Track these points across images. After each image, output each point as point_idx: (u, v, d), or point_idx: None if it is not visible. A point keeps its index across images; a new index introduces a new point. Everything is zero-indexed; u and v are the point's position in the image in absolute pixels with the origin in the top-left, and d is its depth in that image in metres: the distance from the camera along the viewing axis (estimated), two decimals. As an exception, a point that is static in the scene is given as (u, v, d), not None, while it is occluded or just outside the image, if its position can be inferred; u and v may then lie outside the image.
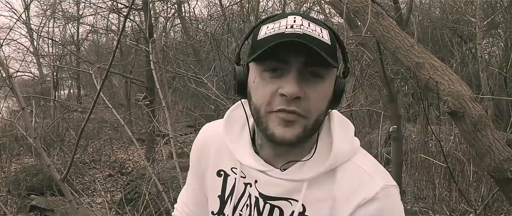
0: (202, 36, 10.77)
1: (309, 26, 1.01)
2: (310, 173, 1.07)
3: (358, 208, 1.03)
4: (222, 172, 1.21)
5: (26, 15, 16.95)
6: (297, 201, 1.08)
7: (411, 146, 7.82)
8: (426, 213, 6.22)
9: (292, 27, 1.00)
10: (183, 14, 11.73)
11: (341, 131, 1.10)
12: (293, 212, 1.08)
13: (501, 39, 12.31)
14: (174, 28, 15.67)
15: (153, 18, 9.38)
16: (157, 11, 12.37)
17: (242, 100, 1.14)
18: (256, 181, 1.13)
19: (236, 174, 1.17)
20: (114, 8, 11.96)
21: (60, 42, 15.13)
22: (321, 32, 1.01)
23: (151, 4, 9.67)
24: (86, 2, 13.45)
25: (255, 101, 1.05)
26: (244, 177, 1.16)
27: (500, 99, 9.43)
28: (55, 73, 14.80)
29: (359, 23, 3.26)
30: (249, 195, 1.15)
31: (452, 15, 10.80)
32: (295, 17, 1.03)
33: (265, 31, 1.03)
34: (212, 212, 1.23)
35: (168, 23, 14.48)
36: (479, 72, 9.48)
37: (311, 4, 8.96)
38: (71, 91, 21.07)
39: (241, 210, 1.17)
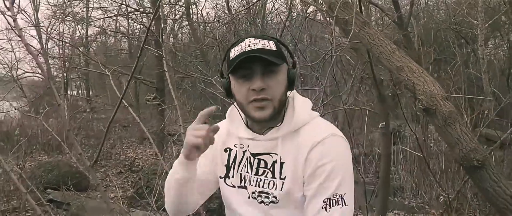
0: (210, 38, 11.23)
1: (259, 42, 1.59)
2: (281, 132, 1.65)
3: (311, 149, 1.59)
4: (228, 149, 1.80)
5: (36, 17, 17.53)
6: (276, 154, 1.66)
7: (411, 145, 8.21)
8: (423, 209, 6.66)
9: (248, 45, 1.57)
10: (191, 16, 12.17)
11: (301, 106, 1.69)
12: (274, 162, 1.67)
13: (504, 41, 12.67)
14: (181, 30, 16.15)
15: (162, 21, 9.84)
16: (165, 12, 12.85)
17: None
18: (248, 146, 1.73)
19: (237, 147, 1.76)
20: (124, 12, 12.48)
21: (70, 43, 15.65)
22: (268, 43, 1.60)
23: (161, 6, 10.12)
24: (94, 5, 13.98)
25: (238, 99, 1.65)
26: (242, 147, 1.74)
27: (502, 99, 9.80)
28: (65, 74, 15.27)
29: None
30: (245, 157, 1.73)
31: (455, 17, 11.20)
32: (249, 39, 1.61)
33: (233, 52, 1.61)
34: (220, 176, 1.81)
35: (176, 25, 14.98)
36: (481, 74, 9.90)
37: (314, 10, 9.37)
38: (80, 91, 21.62)
39: (241, 170, 1.75)
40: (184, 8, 12.06)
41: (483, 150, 2.97)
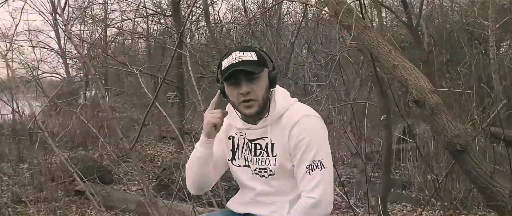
0: (227, 39, 11.79)
1: (244, 54, 2.17)
2: (269, 121, 2.25)
3: (291, 129, 2.18)
4: (231, 137, 2.41)
5: (54, 18, 18.17)
6: (267, 137, 2.26)
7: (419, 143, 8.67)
8: (429, 201, 7.17)
9: (235, 58, 2.15)
10: (209, 17, 12.70)
11: (280, 98, 2.26)
12: (266, 144, 2.26)
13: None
14: (198, 31, 16.71)
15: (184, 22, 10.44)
16: (183, 14, 13.42)
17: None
18: (245, 134, 2.33)
19: (237, 135, 2.37)
20: (142, 14, 13.09)
21: (92, 43, 16.26)
22: (251, 55, 2.18)
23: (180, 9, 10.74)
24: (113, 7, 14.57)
25: (231, 100, 2.24)
26: (242, 135, 2.35)
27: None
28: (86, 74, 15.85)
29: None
30: (245, 142, 2.34)
31: (467, 18, 11.61)
32: (236, 53, 2.17)
33: (224, 64, 2.17)
34: (228, 159, 2.43)
35: (193, 25, 15.55)
36: (492, 74, 10.32)
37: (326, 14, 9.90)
38: (98, 92, 22.20)
39: (243, 152, 2.36)
40: (201, 10, 12.57)
41: (465, 136, 3.55)
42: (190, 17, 14.20)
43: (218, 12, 16.30)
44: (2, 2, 10.09)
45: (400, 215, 6.91)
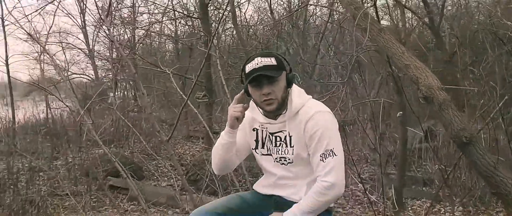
0: (254, 40, 12.23)
1: (264, 60, 2.58)
2: (287, 116, 2.67)
3: (305, 123, 2.60)
4: (255, 129, 2.84)
5: (83, 20, 18.85)
6: (286, 130, 2.70)
7: (441, 142, 8.97)
8: (449, 197, 7.52)
9: (257, 64, 2.56)
10: (236, 19, 13.12)
11: (296, 95, 2.69)
12: (285, 136, 2.70)
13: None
14: (225, 32, 17.15)
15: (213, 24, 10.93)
16: (210, 15, 13.87)
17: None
18: (266, 128, 2.77)
19: (260, 128, 2.81)
20: (171, 16, 13.56)
21: (122, 45, 16.77)
22: (270, 59, 2.59)
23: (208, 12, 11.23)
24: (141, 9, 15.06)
25: (254, 99, 2.67)
26: (264, 128, 2.79)
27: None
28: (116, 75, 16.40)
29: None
30: (267, 135, 2.79)
31: (491, 19, 11.78)
32: (257, 58, 2.58)
33: (247, 68, 2.58)
34: (252, 148, 2.89)
35: (220, 27, 16.02)
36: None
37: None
38: (125, 93, 22.84)
39: (266, 143, 2.80)
40: (228, 11, 12.98)
41: (470, 129, 3.95)
42: (220, 18, 14.71)
43: (244, 13, 16.68)
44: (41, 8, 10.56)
45: (419, 210, 7.29)
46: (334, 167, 2.56)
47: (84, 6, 17.88)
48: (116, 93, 18.07)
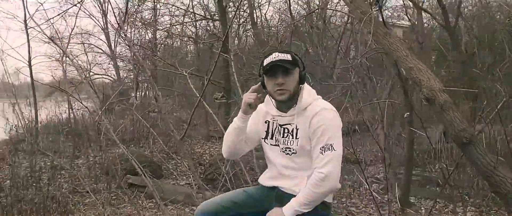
0: (273, 41, 12.45)
1: (281, 55, 2.90)
2: (296, 111, 2.95)
3: (311, 119, 2.87)
4: (267, 121, 3.12)
5: (105, 21, 19.24)
6: (294, 123, 2.96)
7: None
8: (461, 197, 7.67)
9: (274, 58, 2.87)
10: (255, 20, 13.37)
11: (306, 94, 2.97)
12: (292, 129, 2.96)
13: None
14: (246, 33, 17.41)
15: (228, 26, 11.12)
16: (230, 16, 14.10)
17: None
18: (277, 120, 3.04)
19: (271, 120, 3.09)
20: (191, 18, 13.84)
21: (142, 46, 17.11)
22: (286, 56, 2.90)
23: (226, 13, 11.47)
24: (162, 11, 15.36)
25: (268, 89, 2.96)
26: (275, 120, 3.06)
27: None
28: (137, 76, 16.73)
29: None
30: (277, 126, 3.06)
31: (510, 19, 11.85)
32: (275, 53, 2.91)
33: (265, 61, 2.90)
34: (262, 138, 3.15)
35: (241, 28, 16.29)
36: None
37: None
38: (147, 93, 23.23)
39: (275, 134, 3.07)
40: (247, 13, 13.22)
41: (470, 130, 4.14)
42: (238, 20, 14.97)
43: (265, 14, 16.94)
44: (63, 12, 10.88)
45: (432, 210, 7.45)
46: (331, 160, 2.80)
47: (106, 8, 18.33)
48: (138, 94, 18.42)
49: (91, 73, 18.62)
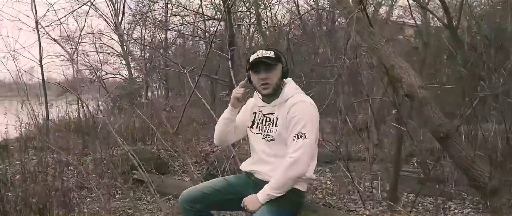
0: (281, 41, 12.71)
1: (265, 52, 3.26)
2: (278, 102, 3.32)
3: (289, 109, 3.22)
4: (254, 112, 3.50)
5: (117, 21, 19.55)
6: (275, 113, 3.32)
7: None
8: (461, 195, 7.84)
9: (258, 54, 3.26)
10: (260, 21, 13.60)
11: (288, 88, 3.34)
12: (274, 118, 3.31)
13: None
14: (257, 33, 17.65)
15: (236, 25, 11.45)
16: (240, 16, 14.39)
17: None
18: (262, 110, 3.41)
19: (257, 111, 3.46)
20: (200, 19, 14.13)
21: (152, 46, 17.44)
22: (270, 52, 3.26)
23: (233, 13, 11.76)
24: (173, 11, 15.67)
25: (254, 83, 3.38)
26: (260, 110, 3.42)
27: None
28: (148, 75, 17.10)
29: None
30: (261, 115, 3.42)
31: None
32: (260, 51, 3.33)
33: (251, 57, 3.31)
34: (248, 126, 3.52)
35: (251, 28, 16.60)
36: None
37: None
38: (158, 92, 23.58)
39: (259, 123, 3.45)
40: (253, 13, 13.47)
41: (447, 124, 4.41)
42: (249, 20, 15.27)
43: (275, 14, 17.17)
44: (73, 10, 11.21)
45: (429, 207, 7.64)
46: (302, 146, 3.12)
47: (118, 8, 18.68)
48: (148, 93, 18.75)
49: (103, 72, 18.91)
